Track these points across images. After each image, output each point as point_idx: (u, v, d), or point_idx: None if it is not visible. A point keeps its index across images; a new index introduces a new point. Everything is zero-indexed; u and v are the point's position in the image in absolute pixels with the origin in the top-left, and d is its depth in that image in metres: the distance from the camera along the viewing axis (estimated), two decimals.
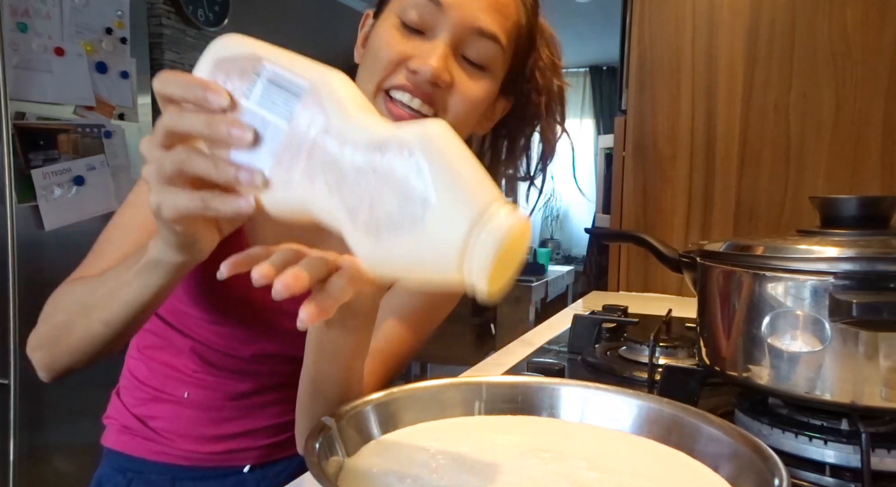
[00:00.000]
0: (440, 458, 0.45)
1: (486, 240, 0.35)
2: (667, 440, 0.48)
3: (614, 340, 0.97)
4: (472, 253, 0.35)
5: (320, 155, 0.39)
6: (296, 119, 0.39)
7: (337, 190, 0.38)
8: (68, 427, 1.85)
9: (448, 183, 0.36)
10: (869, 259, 0.50)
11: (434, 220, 0.35)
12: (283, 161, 0.40)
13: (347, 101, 0.40)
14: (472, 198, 0.36)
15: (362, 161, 0.37)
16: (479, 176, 0.37)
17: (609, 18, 4.12)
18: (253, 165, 0.40)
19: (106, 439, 0.78)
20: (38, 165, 1.79)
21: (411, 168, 0.36)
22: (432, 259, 0.36)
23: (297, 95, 0.40)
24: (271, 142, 0.40)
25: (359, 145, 0.38)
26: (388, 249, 0.37)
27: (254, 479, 0.77)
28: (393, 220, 0.36)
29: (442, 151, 0.37)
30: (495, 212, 0.35)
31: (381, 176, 0.37)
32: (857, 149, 1.36)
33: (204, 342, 0.73)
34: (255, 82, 0.41)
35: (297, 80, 0.40)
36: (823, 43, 1.36)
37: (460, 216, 0.35)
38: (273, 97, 0.40)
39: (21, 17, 1.74)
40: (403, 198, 0.36)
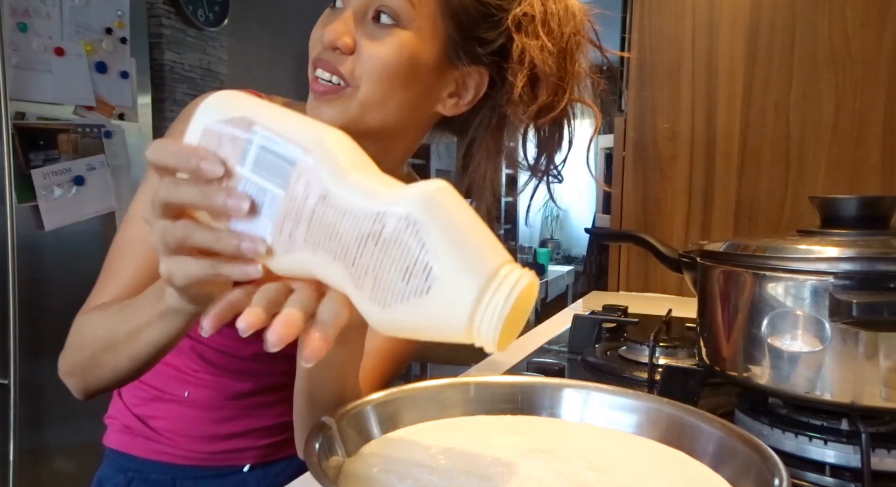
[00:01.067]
0: (440, 458, 0.45)
1: (495, 307, 0.35)
2: (667, 440, 0.48)
3: (614, 340, 0.97)
4: (481, 320, 0.35)
5: (321, 224, 0.38)
6: (292, 187, 0.38)
7: (341, 260, 0.38)
8: (68, 427, 1.85)
9: (452, 251, 0.35)
10: (869, 259, 0.50)
11: (440, 291, 0.35)
12: (284, 229, 0.39)
13: (344, 164, 0.38)
14: (478, 265, 0.35)
15: (363, 231, 0.37)
16: (484, 238, 0.37)
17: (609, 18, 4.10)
18: (254, 233, 0.39)
19: (107, 439, 0.79)
20: (38, 165, 1.79)
21: (413, 238, 0.35)
22: (441, 325, 0.36)
23: (292, 163, 0.38)
24: (270, 209, 0.39)
25: (358, 215, 0.37)
26: (396, 317, 0.37)
27: (254, 478, 0.77)
28: (398, 292, 0.36)
29: (442, 215, 0.36)
30: (503, 278, 0.35)
31: (382, 247, 0.36)
32: (857, 149, 1.36)
33: (204, 341, 0.73)
34: (248, 149, 0.39)
35: (290, 147, 0.39)
36: (823, 43, 1.36)
37: (467, 285, 0.35)
38: (267, 163, 0.39)
39: (21, 17, 1.74)
40: (407, 270, 0.36)
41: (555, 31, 0.66)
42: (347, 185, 0.38)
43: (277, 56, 3.46)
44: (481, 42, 0.65)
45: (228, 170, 0.40)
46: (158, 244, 0.42)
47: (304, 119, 0.41)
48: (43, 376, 1.79)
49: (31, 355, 1.75)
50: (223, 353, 0.73)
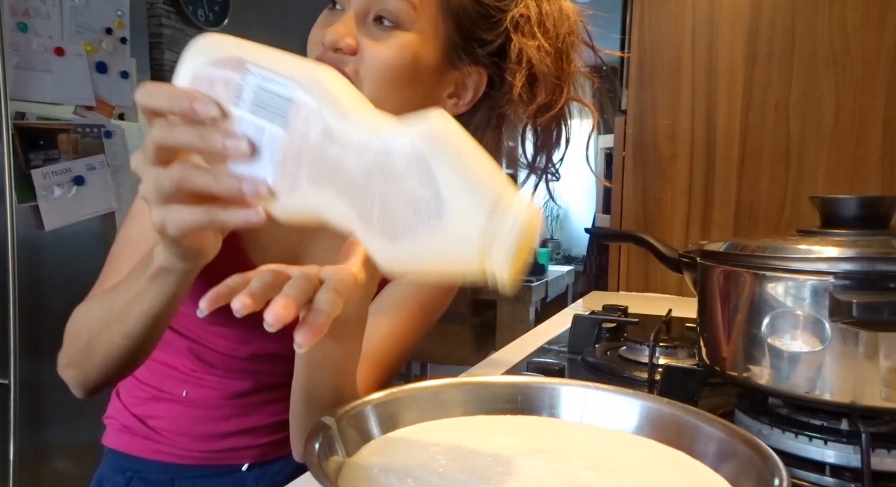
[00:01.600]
0: (440, 458, 0.45)
1: (506, 230, 0.35)
2: (667, 440, 0.48)
3: (614, 340, 0.97)
4: (492, 245, 0.35)
5: (324, 160, 0.37)
6: (292, 124, 0.38)
7: (346, 194, 0.37)
8: (68, 427, 1.85)
9: (459, 178, 0.35)
10: (869, 259, 0.50)
11: (451, 218, 0.35)
12: (287, 169, 0.38)
13: (343, 99, 0.38)
14: (486, 190, 0.35)
15: (369, 164, 0.36)
16: (488, 166, 0.36)
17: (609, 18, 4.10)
18: (255, 175, 0.39)
19: (106, 439, 0.79)
20: (38, 165, 1.79)
21: (420, 168, 0.35)
22: (453, 254, 0.36)
23: (290, 99, 0.38)
24: (270, 150, 0.38)
25: (362, 148, 0.37)
26: (406, 250, 0.37)
27: (252, 477, 0.77)
28: (408, 222, 0.36)
29: (448, 146, 0.36)
30: (509, 202, 0.35)
31: (390, 178, 0.36)
32: (857, 149, 1.36)
33: (202, 342, 0.73)
34: (243, 88, 0.39)
35: (286, 83, 0.38)
36: (823, 43, 1.36)
37: (476, 210, 0.35)
38: (264, 102, 0.38)
39: (21, 17, 1.74)
40: (416, 199, 0.36)
41: (550, 31, 0.67)
42: (350, 120, 0.38)
43: None
44: (480, 43, 0.65)
45: (224, 111, 0.39)
46: (151, 192, 0.41)
47: (297, 57, 0.40)
48: (43, 376, 1.79)
49: (31, 355, 1.75)
50: (221, 354, 0.73)
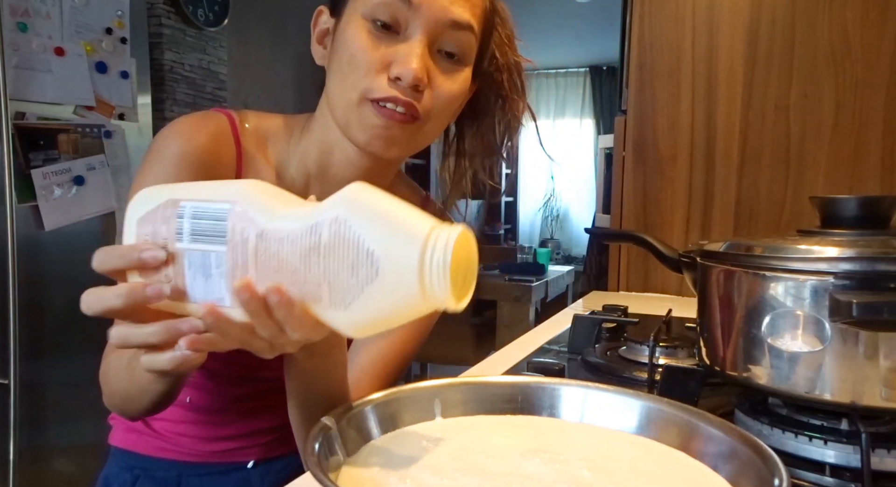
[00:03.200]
0: (440, 458, 0.45)
1: (439, 258, 0.37)
2: (667, 440, 0.48)
3: (614, 340, 0.97)
4: (430, 279, 0.37)
5: (265, 259, 0.41)
6: (230, 238, 0.41)
7: (294, 284, 0.40)
8: (68, 427, 1.85)
9: (381, 229, 0.38)
10: (869, 259, 0.50)
11: (387, 268, 0.38)
12: (237, 279, 0.41)
13: (268, 202, 0.42)
14: (410, 233, 0.38)
15: (304, 249, 0.39)
16: (409, 212, 0.39)
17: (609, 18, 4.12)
18: (213, 295, 0.42)
19: (113, 438, 0.79)
20: (38, 165, 1.79)
21: (346, 234, 0.38)
22: (400, 301, 0.39)
23: (223, 219, 0.42)
24: (219, 268, 0.42)
25: (294, 236, 0.40)
26: (359, 313, 0.40)
27: (257, 474, 0.78)
28: (353, 288, 0.39)
29: (366, 206, 0.39)
30: (436, 236, 0.38)
31: (326, 254, 0.39)
32: (857, 149, 1.36)
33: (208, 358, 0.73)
34: (181, 223, 0.43)
35: (217, 206, 0.42)
36: (823, 43, 1.36)
37: (407, 253, 0.37)
38: (202, 229, 0.42)
39: (21, 17, 1.74)
40: (352, 264, 0.38)
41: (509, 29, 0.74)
42: (277, 216, 0.41)
43: (277, 56, 3.46)
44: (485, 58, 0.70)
45: (170, 251, 0.43)
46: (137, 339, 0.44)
47: (220, 182, 0.45)
48: (43, 376, 1.79)
49: (31, 355, 1.75)
50: (224, 361, 0.73)
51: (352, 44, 0.61)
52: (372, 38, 0.60)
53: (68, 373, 1.82)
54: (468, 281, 0.40)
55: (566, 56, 5.75)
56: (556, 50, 5.52)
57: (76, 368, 1.84)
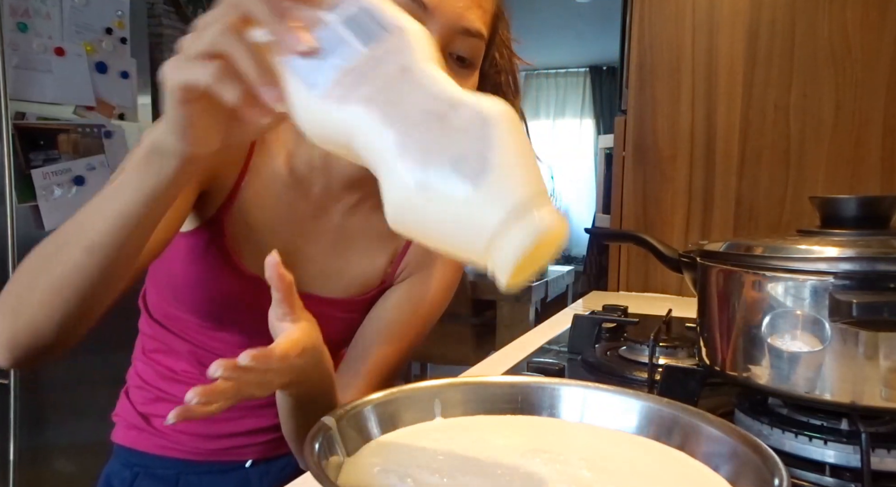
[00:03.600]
0: (440, 458, 0.45)
1: (522, 232, 0.34)
2: (667, 440, 0.48)
3: (614, 340, 0.97)
4: (506, 238, 0.34)
5: (389, 88, 0.38)
6: (374, 49, 0.39)
7: (395, 125, 0.37)
8: (68, 426, 1.85)
9: (508, 160, 0.35)
10: (869, 259, 0.50)
11: (485, 189, 0.34)
12: (347, 79, 0.39)
13: (430, 54, 0.40)
14: (528, 180, 0.35)
15: (432, 108, 0.37)
16: (536, 167, 0.37)
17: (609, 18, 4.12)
18: (310, 74, 0.39)
19: (115, 435, 0.80)
20: (38, 165, 1.79)
21: (479, 132, 0.36)
22: (467, 227, 0.35)
23: (386, 29, 0.40)
24: (341, 59, 0.39)
25: (433, 94, 0.38)
26: (425, 198, 0.35)
27: (256, 474, 0.78)
28: (443, 171, 0.35)
29: (511, 130, 0.36)
30: (539, 205, 0.35)
31: (447, 125, 0.36)
32: (857, 149, 1.36)
33: (203, 347, 0.73)
34: (351, 4, 0.40)
35: (389, 17, 0.40)
36: (823, 43, 1.36)
37: (510, 193, 0.34)
38: (359, 21, 0.40)
39: (21, 17, 1.74)
40: (461, 157, 0.35)
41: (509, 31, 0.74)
42: (431, 70, 0.39)
43: None
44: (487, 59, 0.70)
45: (322, 15, 0.40)
46: (189, 45, 0.40)
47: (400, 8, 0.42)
48: (43, 376, 1.79)
49: None
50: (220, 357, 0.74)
51: None
52: None
53: (68, 373, 1.82)
54: (531, 267, 0.36)
55: (566, 56, 5.75)
56: (556, 50, 5.52)
57: (76, 368, 1.84)
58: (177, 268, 0.69)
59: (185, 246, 0.67)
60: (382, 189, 0.37)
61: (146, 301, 0.78)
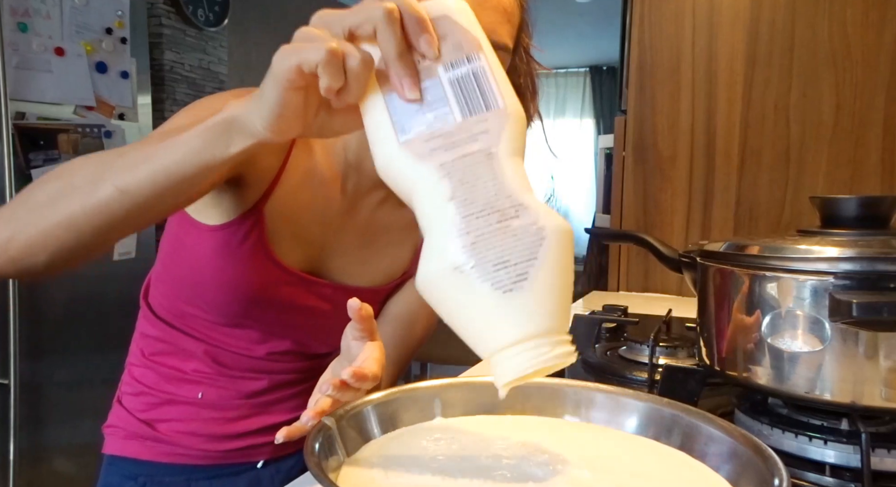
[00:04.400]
0: (440, 458, 0.45)
1: (528, 362, 0.37)
2: (667, 440, 0.48)
3: (614, 340, 0.97)
4: (509, 358, 0.37)
5: (468, 167, 0.38)
6: (472, 122, 0.39)
7: (458, 204, 0.38)
8: (68, 427, 1.85)
9: (546, 282, 0.36)
10: (869, 259, 0.50)
11: (512, 301, 0.36)
12: (433, 141, 0.39)
13: (519, 146, 0.40)
14: (551, 314, 0.37)
15: (497, 205, 0.37)
16: (568, 297, 0.38)
17: (609, 18, 4.12)
18: (402, 117, 0.40)
19: (109, 447, 0.77)
20: (38, 165, 1.79)
21: (530, 242, 0.37)
22: (481, 326, 0.37)
23: (487, 106, 0.39)
24: (434, 118, 0.39)
25: (504, 189, 0.38)
26: (456, 282, 0.37)
27: (267, 474, 0.78)
28: (483, 268, 0.36)
29: (561, 251, 0.37)
30: (554, 343, 0.37)
31: (504, 226, 0.37)
32: (857, 149, 1.36)
33: (217, 344, 0.73)
34: (462, 64, 0.40)
35: (495, 92, 0.40)
36: (823, 43, 1.36)
37: (530, 320, 0.36)
38: (466, 87, 0.40)
39: (21, 17, 1.74)
40: (505, 260, 0.36)
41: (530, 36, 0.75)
42: (513, 163, 0.39)
43: None
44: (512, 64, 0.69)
45: (433, 64, 0.40)
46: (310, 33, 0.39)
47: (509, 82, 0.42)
48: (43, 376, 1.79)
49: (31, 355, 1.75)
50: (236, 354, 0.74)
51: None
52: None
53: (68, 373, 1.82)
54: (524, 379, 0.39)
55: (566, 56, 5.75)
56: (556, 50, 5.52)
57: (76, 368, 1.85)
58: (204, 263, 0.67)
59: (218, 240, 0.66)
60: (423, 251, 0.39)
61: (149, 300, 0.77)
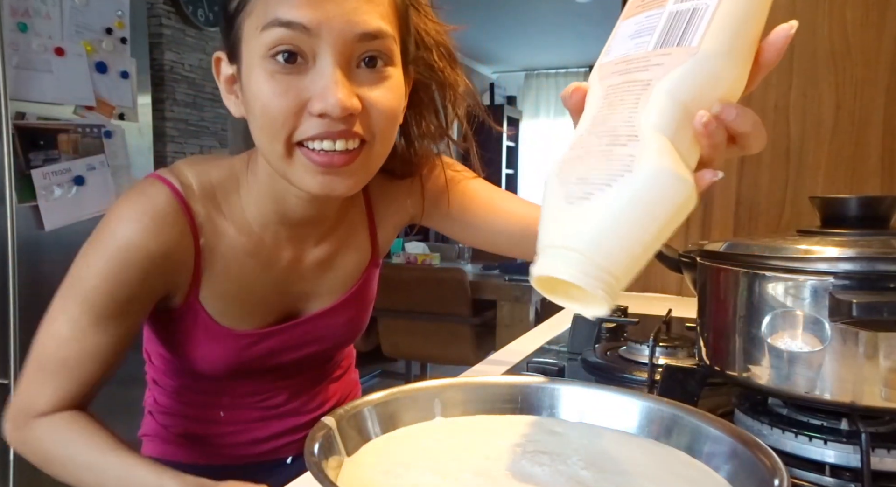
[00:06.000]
0: (440, 458, 0.45)
1: (540, 270, 0.37)
2: (667, 440, 0.48)
3: (614, 340, 0.97)
4: (538, 258, 0.37)
5: (624, 92, 0.38)
6: (656, 53, 0.38)
7: (592, 120, 0.39)
8: None
9: (608, 212, 0.36)
10: (869, 259, 0.50)
11: (566, 213, 0.37)
12: (619, 64, 0.39)
13: (688, 85, 0.38)
14: (599, 242, 0.36)
15: (619, 128, 0.37)
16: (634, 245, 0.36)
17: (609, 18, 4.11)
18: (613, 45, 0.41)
19: (147, 450, 0.79)
20: (38, 165, 1.79)
21: (615, 170, 0.36)
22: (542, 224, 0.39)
23: (680, 42, 0.37)
24: (633, 45, 0.39)
25: (633, 118, 0.37)
26: (547, 185, 0.39)
27: (296, 469, 0.79)
28: (567, 176, 0.38)
29: (639, 192, 0.36)
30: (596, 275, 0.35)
31: (609, 149, 0.37)
32: (857, 149, 1.36)
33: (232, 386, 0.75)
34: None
35: (699, 33, 0.38)
36: (823, 43, 1.36)
37: (568, 234, 0.36)
38: (678, 22, 0.38)
39: (21, 17, 1.74)
40: (586, 177, 0.37)
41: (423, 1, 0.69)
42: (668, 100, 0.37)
43: None
44: (410, 44, 0.64)
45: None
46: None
47: None
48: None
49: None
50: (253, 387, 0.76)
51: (260, 92, 0.54)
52: (279, 79, 0.53)
53: None
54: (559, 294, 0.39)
55: (566, 56, 5.74)
56: (556, 50, 5.52)
57: None
58: (176, 344, 0.69)
59: (175, 325, 0.67)
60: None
61: (151, 359, 0.78)
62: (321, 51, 0.53)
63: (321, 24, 0.52)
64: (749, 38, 0.39)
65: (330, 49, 0.53)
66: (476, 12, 4.35)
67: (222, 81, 0.62)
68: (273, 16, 0.52)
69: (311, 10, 0.51)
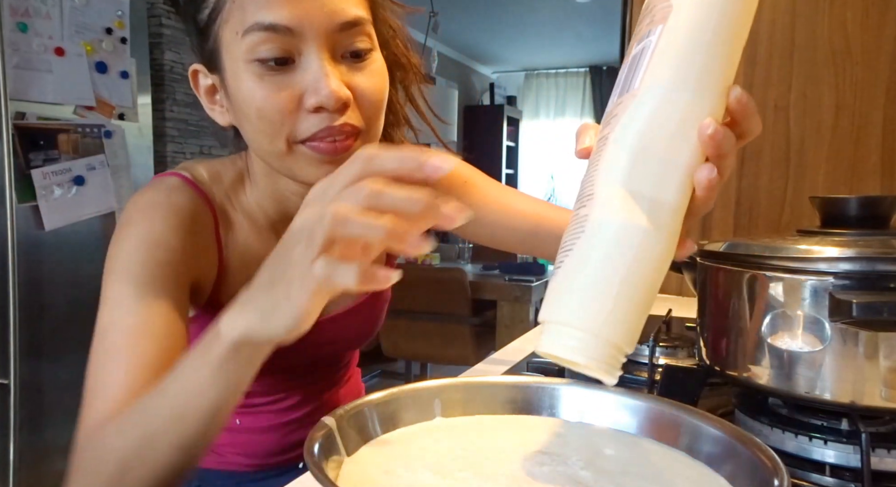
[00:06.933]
0: (440, 458, 0.45)
1: (546, 342, 0.39)
2: (667, 440, 0.48)
3: None
4: (544, 330, 0.39)
5: (595, 152, 0.39)
6: (616, 104, 0.39)
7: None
8: (68, 427, 1.85)
9: (570, 275, 0.37)
10: (869, 259, 0.50)
11: (552, 281, 0.38)
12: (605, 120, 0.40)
13: (634, 129, 0.37)
14: (570, 305, 0.36)
15: (584, 189, 0.38)
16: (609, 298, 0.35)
17: (609, 18, 4.12)
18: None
19: None
20: (38, 165, 1.79)
21: (574, 233, 0.37)
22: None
23: (629, 88, 0.38)
24: (615, 98, 0.40)
25: (592, 176, 0.38)
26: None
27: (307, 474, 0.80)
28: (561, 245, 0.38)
29: (596, 248, 0.36)
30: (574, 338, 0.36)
31: (576, 215, 0.38)
32: (857, 149, 1.36)
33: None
34: (644, 39, 0.39)
35: (640, 73, 0.38)
36: (823, 43, 1.36)
37: (552, 305, 0.38)
38: (632, 66, 0.38)
39: (21, 17, 1.74)
40: (562, 243, 0.38)
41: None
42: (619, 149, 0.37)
43: None
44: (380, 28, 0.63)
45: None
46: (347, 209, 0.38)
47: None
48: (43, 376, 1.79)
49: (31, 355, 1.75)
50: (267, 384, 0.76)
51: (252, 96, 0.54)
52: (269, 79, 0.54)
53: (68, 373, 1.82)
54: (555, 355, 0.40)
55: (566, 56, 5.75)
56: (556, 50, 5.52)
57: (76, 368, 1.84)
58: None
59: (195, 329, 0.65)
60: None
61: None
62: (306, 46, 0.54)
63: (302, 21, 0.52)
64: (698, 63, 0.37)
65: (314, 43, 0.53)
66: (476, 12, 4.35)
67: (202, 93, 0.62)
68: (253, 20, 0.52)
69: (290, 9, 0.52)
